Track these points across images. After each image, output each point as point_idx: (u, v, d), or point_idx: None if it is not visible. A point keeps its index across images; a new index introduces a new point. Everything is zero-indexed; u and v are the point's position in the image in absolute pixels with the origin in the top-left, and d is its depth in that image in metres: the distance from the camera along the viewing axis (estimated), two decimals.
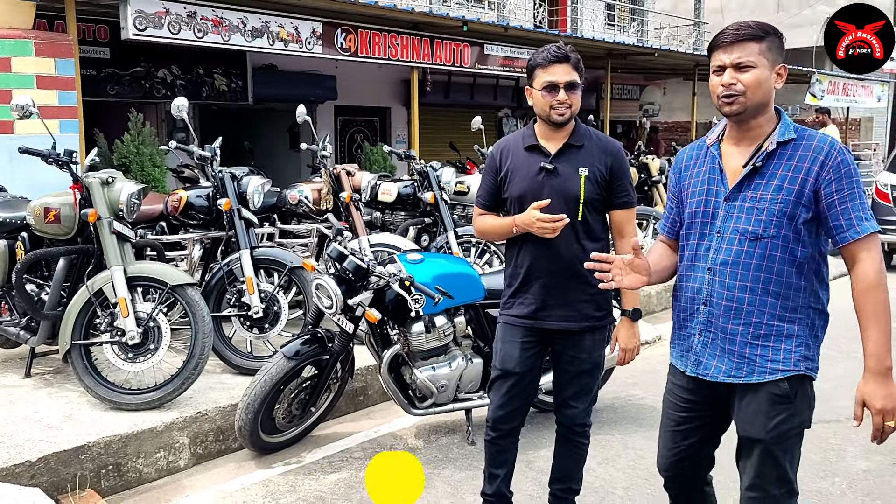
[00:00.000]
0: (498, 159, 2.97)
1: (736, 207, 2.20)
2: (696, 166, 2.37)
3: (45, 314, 4.16)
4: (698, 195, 2.30)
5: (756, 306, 2.19)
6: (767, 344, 2.19)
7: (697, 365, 2.31)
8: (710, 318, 2.26)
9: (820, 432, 4.29)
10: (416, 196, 6.03)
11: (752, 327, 2.19)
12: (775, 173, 2.16)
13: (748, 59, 2.15)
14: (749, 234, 2.17)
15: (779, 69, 2.20)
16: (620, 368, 4.76)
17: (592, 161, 2.85)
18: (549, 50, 2.81)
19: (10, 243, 4.39)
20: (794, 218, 2.13)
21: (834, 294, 2.33)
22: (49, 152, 4.08)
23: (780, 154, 2.17)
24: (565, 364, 2.96)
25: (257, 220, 4.87)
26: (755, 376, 2.19)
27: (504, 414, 3.00)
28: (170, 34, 6.41)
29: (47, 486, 3.37)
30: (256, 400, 3.78)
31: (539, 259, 2.85)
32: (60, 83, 5.66)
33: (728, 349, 2.23)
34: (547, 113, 2.81)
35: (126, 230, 4.06)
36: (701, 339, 2.29)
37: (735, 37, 2.17)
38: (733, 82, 2.15)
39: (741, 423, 2.25)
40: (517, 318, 2.94)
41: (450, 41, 9.32)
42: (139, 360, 4.00)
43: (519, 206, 2.86)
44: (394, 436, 4.30)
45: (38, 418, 3.83)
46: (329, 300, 3.76)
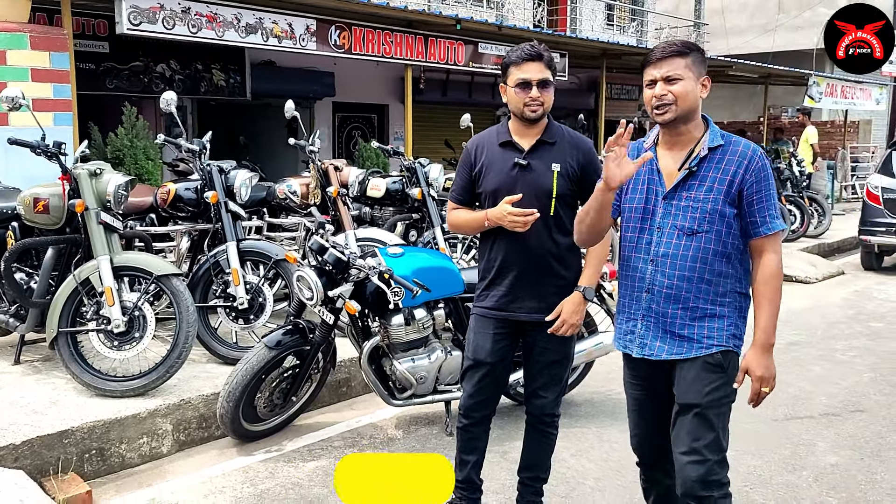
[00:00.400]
0: (473, 155, 3.03)
1: (673, 206, 2.45)
2: None
3: (33, 302, 4.25)
4: (639, 193, 2.53)
5: (692, 293, 2.44)
6: (703, 324, 2.44)
7: (643, 347, 2.53)
8: (651, 304, 2.49)
9: (793, 428, 4.37)
10: (405, 192, 6.11)
11: (689, 311, 2.44)
12: (706, 175, 2.42)
13: (675, 73, 2.38)
14: (686, 229, 2.42)
15: (703, 80, 2.45)
16: (601, 364, 4.86)
17: (565, 157, 2.92)
18: (522, 48, 2.89)
19: (1, 233, 4.47)
20: (724, 215, 2.40)
21: (815, 297, 2.48)
22: (38, 143, 4.17)
23: (710, 158, 2.43)
24: (536, 355, 3.03)
25: (245, 213, 4.95)
26: (693, 352, 2.45)
27: (475, 403, 3.08)
28: (164, 29, 6.49)
29: (31, 469, 3.44)
30: (238, 388, 3.86)
31: (511, 252, 2.93)
32: (55, 76, 5.74)
33: (668, 331, 2.47)
34: (521, 109, 2.90)
35: (113, 221, 4.15)
36: (644, 323, 2.52)
37: (663, 53, 2.41)
38: (664, 93, 2.39)
39: (680, 391, 2.47)
40: (489, 310, 3.02)
41: (444, 39, 9.40)
42: (124, 349, 4.09)
43: (493, 200, 2.92)
44: (374, 426, 4.38)
45: (24, 403, 3.91)
46: (310, 291, 3.84)
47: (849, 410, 4.67)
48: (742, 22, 21.28)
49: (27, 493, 3.17)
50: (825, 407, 4.72)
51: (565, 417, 3.70)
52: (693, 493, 2.40)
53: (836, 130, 18.59)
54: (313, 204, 5.54)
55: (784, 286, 2.51)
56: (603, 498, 3.52)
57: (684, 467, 2.42)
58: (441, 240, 5.86)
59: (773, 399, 4.83)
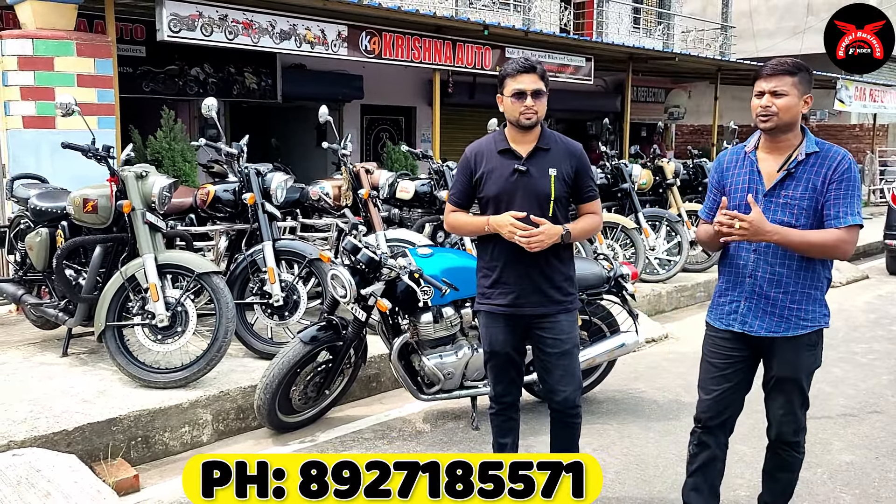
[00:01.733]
0: (472, 162, 3.22)
1: (773, 203, 2.80)
2: (736, 167, 2.94)
3: (82, 297, 4.48)
4: (740, 191, 2.87)
5: (792, 279, 2.80)
6: (801, 306, 2.81)
7: (743, 324, 2.89)
8: (755, 288, 2.85)
9: (810, 427, 4.35)
10: (433, 194, 6.28)
11: (790, 294, 2.81)
12: (802, 176, 2.77)
13: (782, 88, 2.73)
14: (784, 223, 2.75)
15: (806, 98, 2.79)
16: (624, 363, 5.00)
17: (560, 162, 3.14)
18: (517, 61, 3.12)
19: (52, 231, 4.71)
20: (817, 211, 2.75)
21: (838, 301, 2.65)
22: (89, 147, 4.40)
23: (806, 162, 2.78)
24: (548, 348, 3.21)
25: (280, 215, 5.16)
26: (791, 331, 2.82)
27: (502, 388, 3.33)
28: (202, 36, 6.74)
29: (82, 454, 3.67)
30: (274, 381, 4.06)
31: (514, 253, 3.11)
32: (99, 82, 6.00)
33: (770, 311, 2.83)
34: (516, 118, 3.10)
35: (157, 221, 4.37)
36: (747, 304, 2.87)
37: (774, 70, 2.75)
38: (769, 105, 2.75)
39: (780, 366, 2.87)
40: (498, 307, 3.21)
41: (471, 44, 9.57)
42: (167, 342, 4.31)
43: (494, 204, 3.14)
44: (403, 420, 4.56)
45: (73, 392, 4.15)
46: (343, 290, 4.03)
47: (866, 411, 4.76)
48: (770, 25, 21.20)
49: (80, 476, 3.39)
50: (843, 408, 4.82)
51: (588, 414, 3.84)
52: (786, 440, 2.97)
53: (864, 134, 18.45)
54: (345, 205, 5.74)
55: None
56: (623, 489, 3.67)
57: (780, 424, 2.94)
58: (468, 240, 6.03)
59: None
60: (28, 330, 5.33)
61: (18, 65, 5.68)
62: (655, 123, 17.41)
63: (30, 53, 5.70)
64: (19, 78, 5.68)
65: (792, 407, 2.91)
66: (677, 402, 4.84)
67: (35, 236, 4.70)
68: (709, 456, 3.06)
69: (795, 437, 2.97)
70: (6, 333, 5.35)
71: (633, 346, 4.84)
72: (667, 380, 5.31)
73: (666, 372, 5.49)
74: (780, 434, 2.98)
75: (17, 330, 5.42)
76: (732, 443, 3.17)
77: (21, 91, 5.68)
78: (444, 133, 10.50)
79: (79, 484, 3.31)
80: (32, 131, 5.72)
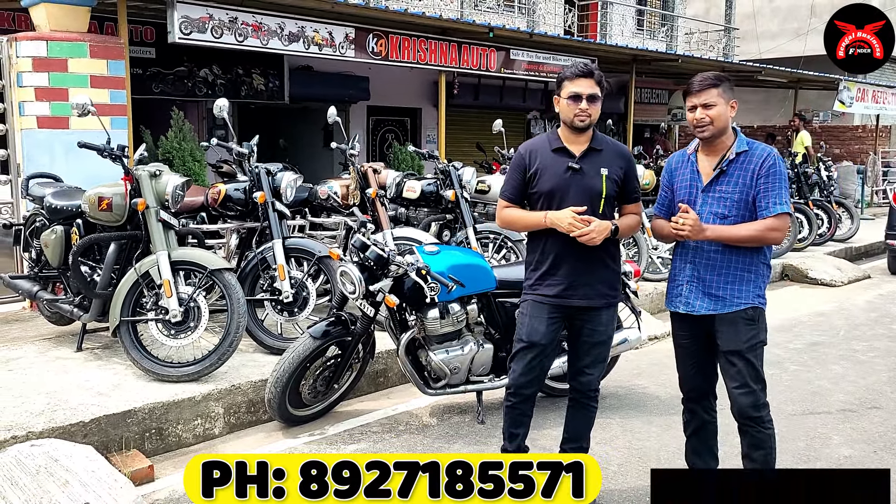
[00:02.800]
0: (527, 159, 3.39)
1: (709, 197, 3.18)
2: (681, 168, 3.32)
3: (97, 293, 4.58)
4: (684, 188, 3.26)
5: (725, 263, 3.15)
6: (734, 287, 3.14)
7: (687, 305, 3.23)
8: (694, 273, 3.21)
9: (809, 422, 4.56)
10: (439, 194, 6.38)
11: (723, 276, 3.15)
12: (734, 173, 3.15)
13: (711, 100, 3.11)
14: (719, 214, 3.14)
15: (732, 103, 3.15)
16: (627, 360, 5.08)
17: (611, 163, 3.33)
18: (577, 65, 3.32)
19: (67, 229, 4.82)
20: (747, 203, 3.11)
21: (839, 300, 2.75)
22: (104, 147, 4.50)
23: (737, 160, 3.16)
24: (584, 336, 3.40)
25: (290, 213, 5.26)
26: (726, 308, 3.14)
27: (526, 381, 3.42)
28: (213, 38, 6.84)
29: (98, 445, 3.77)
30: (285, 375, 4.16)
31: (566, 246, 3.28)
32: (112, 83, 6.10)
33: (707, 292, 3.18)
34: (570, 119, 3.29)
35: (171, 219, 4.47)
36: (688, 287, 3.23)
37: (701, 86, 3.13)
38: (703, 117, 3.12)
39: (723, 341, 3.16)
40: (546, 297, 3.35)
41: (476, 46, 9.66)
42: (180, 337, 4.41)
43: (548, 200, 3.30)
44: (410, 413, 4.65)
45: (89, 386, 4.25)
46: (352, 286, 4.13)
47: (865, 407, 4.84)
48: (774, 26, 21.26)
49: (97, 466, 3.49)
50: (842, 403, 4.90)
51: None
52: (747, 415, 3.13)
53: (867, 135, 18.47)
54: (353, 204, 5.84)
55: (809, 289, 3.13)
56: (626, 481, 3.76)
57: (737, 398, 3.14)
58: (473, 239, 6.12)
59: (791, 395, 5.06)
60: (43, 325, 5.44)
61: (33, 66, 5.78)
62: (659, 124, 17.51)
63: (44, 55, 5.80)
64: (34, 79, 5.79)
65: (744, 379, 3.12)
66: (679, 398, 4.90)
67: (50, 234, 4.81)
68: (700, 421, 3.41)
69: (756, 413, 3.14)
70: (22, 329, 5.46)
71: (636, 342, 4.94)
72: (669, 376, 5.35)
73: (668, 368, 5.50)
74: (739, 409, 3.16)
75: (32, 325, 5.53)
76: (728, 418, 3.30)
77: (36, 92, 5.78)
78: (450, 134, 10.59)
79: (96, 473, 3.41)
80: (47, 131, 5.82)
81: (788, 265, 9.35)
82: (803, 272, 9.15)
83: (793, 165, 10.49)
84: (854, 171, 14.95)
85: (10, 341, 5.13)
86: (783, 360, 5.80)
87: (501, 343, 4.40)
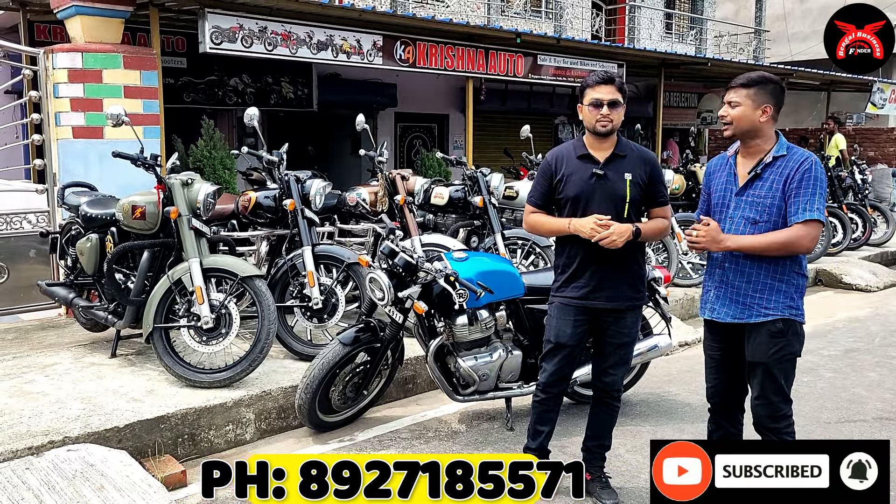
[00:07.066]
0: (553, 166, 3.48)
1: (742, 201, 3.12)
2: (720, 170, 3.28)
3: (130, 300, 4.65)
4: (719, 191, 3.23)
5: (755, 270, 3.07)
6: (763, 296, 3.06)
7: (713, 312, 3.20)
8: (723, 279, 3.16)
9: (844, 430, 4.48)
10: (467, 200, 6.38)
11: (752, 284, 3.08)
12: (768, 178, 3.08)
13: (736, 100, 3.10)
14: (751, 219, 3.09)
15: (764, 107, 3.07)
16: (657, 367, 5.03)
17: (635, 168, 3.39)
18: (597, 73, 3.40)
19: (101, 237, 4.90)
20: (780, 208, 3.04)
21: (875, 305, 2.71)
22: (138, 156, 4.58)
23: (773, 164, 3.09)
24: (609, 338, 3.48)
25: (319, 220, 5.30)
26: (753, 318, 3.07)
27: (555, 379, 3.55)
28: (243, 48, 6.94)
29: (132, 450, 3.83)
30: (315, 381, 4.19)
31: (591, 250, 3.35)
32: (145, 93, 6.20)
33: (734, 299, 3.12)
34: (593, 125, 3.36)
35: (202, 226, 4.53)
36: (716, 293, 3.19)
37: (734, 83, 3.11)
38: (725, 115, 3.13)
39: (750, 351, 3.11)
40: (572, 300, 3.45)
41: (504, 52, 9.67)
42: (212, 343, 4.46)
43: (573, 205, 3.39)
44: (439, 420, 4.66)
45: (123, 392, 4.32)
46: (381, 293, 4.15)
47: None
48: (805, 28, 20.98)
49: (132, 470, 3.54)
50: (878, 411, 4.81)
51: (621, 416, 3.89)
52: (764, 425, 3.11)
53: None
54: (382, 211, 5.87)
55: (844, 294, 3.03)
56: None
57: (754, 408, 3.13)
58: (501, 245, 6.12)
59: (825, 402, 4.98)
60: (78, 332, 5.54)
61: (68, 77, 5.90)
62: (688, 128, 17.35)
63: (79, 66, 5.92)
64: (69, 90, 5.90)
65: (763, 391, 3.08)
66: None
67: (85, 242, 4.90)
68: (724, 433, 3.36)
69: (773, 424, 3.11)
70: (57, 335, 5.56)
71: (666, 349, 4.89)
72: (700, 383, 5.24)
73: (699, 375, 5.42)
74: (757, 419, 3.14)
75: (67, 332, 5.64)
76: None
77: (71, 102, 5.90)
78: (477, 140, 10.60)
79: (130, 478, 3.46)
80: (82, 141, 5.93)
81: (822, 270, 9.21)
82: (838, 277, 9.02)
83: (826, 169, 10.35)
84: (889, 174, 14.69)
85: (46, 347, 5.22)
86: (818, 366, 5.71)
87: (530, 349, 4.39)
